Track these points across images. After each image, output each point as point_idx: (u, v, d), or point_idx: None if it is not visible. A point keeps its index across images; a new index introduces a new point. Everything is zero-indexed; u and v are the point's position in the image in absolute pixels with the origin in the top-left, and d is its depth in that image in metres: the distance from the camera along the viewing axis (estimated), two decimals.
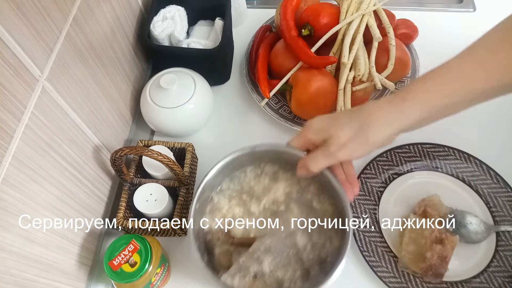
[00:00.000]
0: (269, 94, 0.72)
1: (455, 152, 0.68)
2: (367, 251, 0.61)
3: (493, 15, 0.85)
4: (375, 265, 0.59)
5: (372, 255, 0.60)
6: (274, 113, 0.72)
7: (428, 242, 0.59)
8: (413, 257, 0.59)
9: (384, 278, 0.59)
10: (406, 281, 0.59)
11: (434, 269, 0.57)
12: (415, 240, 0.60)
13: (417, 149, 0.69)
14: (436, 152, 0.68)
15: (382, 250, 0.61)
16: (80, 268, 0.57)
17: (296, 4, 0.74)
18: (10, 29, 0.40)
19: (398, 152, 0.69)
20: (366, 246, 0.61)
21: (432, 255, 0.57)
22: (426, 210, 0.62)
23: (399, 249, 0.60)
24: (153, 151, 0.53)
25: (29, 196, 0.45)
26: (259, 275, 0.52)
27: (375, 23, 0.69)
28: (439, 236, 0.60)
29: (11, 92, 0.41)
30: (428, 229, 0.60)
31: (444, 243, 0.59)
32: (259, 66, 0.74)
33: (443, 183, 0.66)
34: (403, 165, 0.68)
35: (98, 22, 0.58)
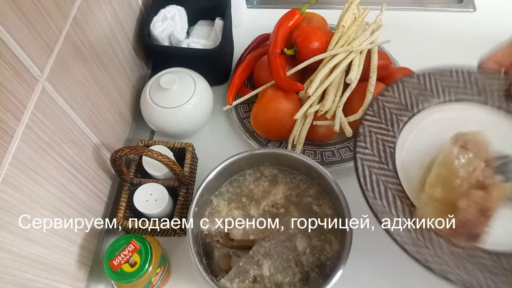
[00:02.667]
0: (232, 102, 0.71)
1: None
2: (371, 190, 0.44)
3: (493, 15, 0.86)
4: (381, 211, 0.44)
5: (379, 197, 0.44)
6: (239, 121, 0.71)
7: (465, 185, 0.42)
8: (439, 206, 0.42)
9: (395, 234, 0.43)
10: (424, 239, 0.42)
11: (467, 226, 0.41)
12: (445, 180, 0.43)
13: (461, 77, 0.51)
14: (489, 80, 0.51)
15: (394, 193, 0.45)
16: (80, 268, 0.57)
17: (296, 21, 0.71)
18: (10, 29, 0.40)
19: (436, 77, 0.52)
20: (371, 185, 0.44)
21: (468, 204, 0.40)
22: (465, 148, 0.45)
23: (419, 195, 0.44)
24: (153, 151, 0.53)
25: (29, 196, 0.45)
26: (258, 278, 0.53)
27: (360, 64, 0.63)
28: (482, 180, 0.42)
29: (11, 92, 0.41)
30: (467, 166, 0.42)
31: (488, 190, 0.41)
32: (238, 71, 0.74)
33: (495, 121, 0.49)
34: (439, 93, 0.51)
35: (98, 22, 0.58)
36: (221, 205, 0.58)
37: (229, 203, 0.58)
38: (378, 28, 0.68)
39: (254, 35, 0.80)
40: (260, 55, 0.76)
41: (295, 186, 0.58)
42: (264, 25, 0.80)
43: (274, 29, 0.71)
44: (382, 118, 0.49)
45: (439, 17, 0.86)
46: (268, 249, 0.54)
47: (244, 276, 0.53)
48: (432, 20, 0.86)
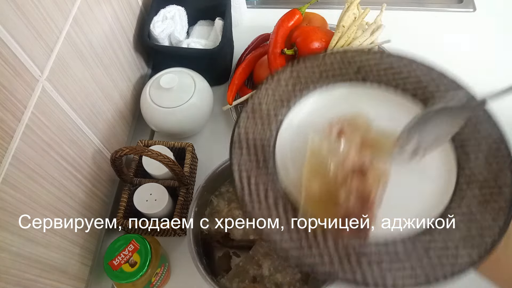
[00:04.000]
0: (232, 102, 0.71)
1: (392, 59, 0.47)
2: (249, 198, 0.38)
3: (493, 15, 0.86)
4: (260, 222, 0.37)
5: (258, 206, 0.38)
6: None
7: (340, 174, 0.37)
8: (321, 202, 0.37)
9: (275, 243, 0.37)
10: (311, 244, 0.37)
11: (353, 220, 0.36)
12: (318, 171, 0.38)
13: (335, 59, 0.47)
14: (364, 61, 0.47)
15: (276, 195, 0.39)
16: (80, 268, 0.57)
17: (296, 21, 0.71)
18: (10, 29, 0.40)
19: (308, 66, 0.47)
20: (249, 190, 0.39)
21: (347, 195, 0.36)
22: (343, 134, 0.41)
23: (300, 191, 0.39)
24: (153, 151, 0.53)
25: (29, 196, 0.45)
26: (258, 278, 0.52)
27: None
28: (358, 164, 0.37)
29: (11, 92, 0.41)
30: (338, 152, 0.38)
31: (366, 174, 0.37)
32: (238, 71, 0.74)
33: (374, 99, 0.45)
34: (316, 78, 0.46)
35: (98, 22, 0.58)
36: (221, 205, 0.58)
37: (229, 203, 0.58)
38: (378, 28, 0.68)
39: (254, 35, 0.80)
40: (260, 55, 0.76)
41: None
42: (264, 25, 0.80)
43: (274, 29, 0.71)
44: (258, 118, 0.44)
45: (439, 17, 0.86)
46: (268, 249, 0.54)
47: (244, 276, 0.53)
48: (432, 20, 0.86)
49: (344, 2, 0.71)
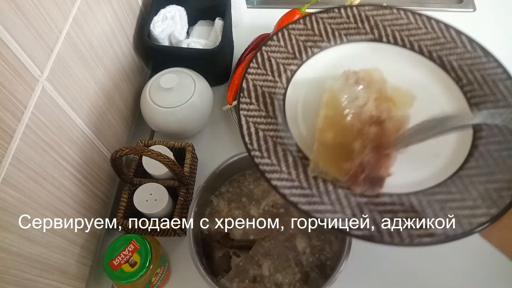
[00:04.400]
0: (232, 102, 0.71)
1: (408, 15, 0.47)
2: (258, 149, 0.38)
3: (493, 15, 0.86)
4: (269, 170, 0.37)
5: (266, 154, 0.37)
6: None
7: (357, 124, 0.36)
8: (334, 153, 0.36)
9: (283, 188, 0.36)
10: (321, 193, 0.36)
11: (367, 171, 0.34)
12: (334, 120, 0.37)
13: (350, 13, 0.47)
14: (380, 16, 0.47)
15: (284, 148, 0.39)
16: (80, 268, 0.57)
17: None
18: (10, 29, 0.40)
19: (322, 17, 0.47)
20: (258, 142, 0.38)
21: (364, 144, 0.35)
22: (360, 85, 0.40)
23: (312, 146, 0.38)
24: (153, 151, 0.53)
25: (29, 196, 0.45)
26: (258, 278, 0.53)
27: None
28: (377, 114, 0.37)
29: (11, 92, 0.41)
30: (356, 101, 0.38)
31: (384, 124, 0.36)
32: (238, 71, 0.74)
33: (389, 58, 0.45)
34: (328, 35, 0.46)
35: (98, 22, 0.58)
36: (221, 205, 0.58)
37: (229, 203, 0.58)
38: None
39: (254, 35, 0.80)
40: None
41: None
42: (264, 25, 0.80)
43: (274, 29, 0.71)
44: (268, 70, 0.43)
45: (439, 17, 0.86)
46: (268, 249, 0.54)
47: (244, 276, 0.53)
48: None
49: (344, 2, 0.71)
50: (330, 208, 0.35)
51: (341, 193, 0.36)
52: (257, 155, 0.37)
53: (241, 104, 0.41)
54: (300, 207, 0.35)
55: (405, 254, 0.61)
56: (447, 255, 0.60)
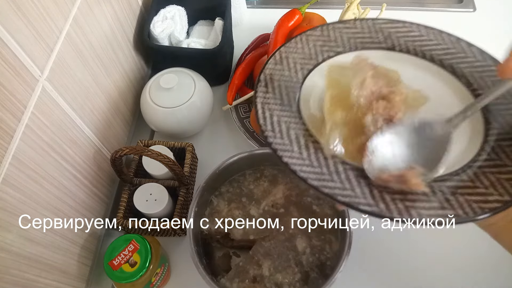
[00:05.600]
0: (232, 102, 0.71)
1: (420, 28, 0.49)
2: (271, 130, 0.40)
3: (493, 15, 0.86)
4: (281, 149, 0.39)
5: (279, 135, 0.40)
6: (238, 121, 0.71)
7: (363, 100, 0.38)
8: (345, 130, 0.38)
9: (293, 165, 0.37)
10: (331, 172, 0.37)
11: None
12: (339, 99, 0.39)
13: (365, 25, 0.50)
14: (394, 28, 0.50)
15: (297, 132, 0.41)
16: (80, 268, 0.57)
17: (296, 21, 0.71)
18: (10, 29, 0.40)
19: (339, 27, 0.50)
20: (272, 125, 0.41)
21: (374, 119, 0.37)
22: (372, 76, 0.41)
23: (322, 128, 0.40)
24: (153, 151, 0.53)
25: (29, 196, 0.45)
26: (258, 278, 0.53)
27: None
28: (376, 90, 0.38)
29: (11, 92, 0.41)
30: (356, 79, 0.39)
31: (390, 97, 0.38)
32: (238, 71, 0.74)
33: (402, 64, 0.46)
34: (344, 42, 0.49)
35: (98, 22, 0.58)
36: (221, 205, 0.58)
37: (229, 203, 0.58)
38: None
39: (254, 35, 0.80)
40: (260, 55, 0.76)
41: (295, 186, 0.58)
42: (264, 25, 0.80)
43: (274, 29, 0.71)
44: (285, 66, 0.46)
45: (439, 17, 0.86)
46: (268, 249, 0.54)
47: (244, 276, 0.53)
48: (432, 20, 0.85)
49: (344, 2, 0.72)
50: (340, 185, 0.37)
51: (351, 174, 0.38)
52: (270, 135, 0.40)
53: (257, 93, 0.43)
54: (309, 182, 0.36)
55: (405, 254, 0.61)
56: (448, 254, 0.60)
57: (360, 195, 0.36)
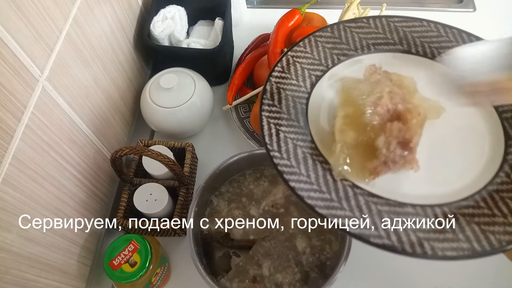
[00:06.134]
0: (232, 102, 0.71)
1: (439, 27, 0.45)
2: (278, 150, 0.38)
3: (493, 15, 0.86)
4: (288, 171, 0.36)
5: (286, 156, 0.37)
6: (238, 121, 0.71)
7: (377, 119, 0.35)
8: (357, 153, 0.36)
9: (300, 190, 0.35)
10: (340, 198, 0.35)
11: (393, 169, 0.35)
12: (354, 118, 0.36)
13: (379, 23, 0.46)
14: (409, 27, 0.46)
15: (304, 151, 0.38)
16: (80, 268, 0.57)
17: (296, 21, 0.71)
18: (10, 29, 0.40)
19: (350, 26, 0.46)
20: (278, 144, 0.38)
21: (387, 141, 0.34)
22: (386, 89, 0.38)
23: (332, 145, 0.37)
24: (153, 151, 0.53)
25: (29, 196, 0.45)
26: (258, 278, 0.53)
27: None
28: (396, 108, 0.35)
29: (11, 92, 0.41)
30: (373, 96, 0.36)
31: (405, 118, 0.35)
32: (238, 71, 0.74)
33: (418, 69, 0.43)
34: (356, 44, 0.45)
35: (98, 22, 0.58)
36: (221, 205, 0.58)
37: (229, 203, 0.58)
38: None
39: (254, 35, 0.80)
40: (260, 55, 0.76)
41: None
42: (264, 25, 0.80)
43: (274, 29, 0.71)
44: (293, 74, 0.43)
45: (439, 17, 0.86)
46: (268, 249, 0.54)
47: (244, 276, 0.53)
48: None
49: (344, 2, 0.72)
50: (349, 214, 0.34)
51: (362, 200, 0.35)
52: (277, 156, 0.37)
53: (263, 106, 0.40)
54: (317, 210, 0.34)
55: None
56: None
57: (371, 225, 0.34)
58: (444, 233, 0.34)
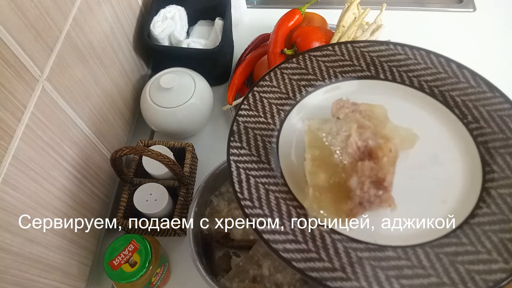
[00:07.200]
0: (232, 102, 0.71)
1: (406, 50, 0.44)
2: (249, 198, 0.36)
3: (493, 15, 0.86)
4: (260, 222, 0.34)
5: (258, 204, 0.35)
6: None
7: (347, 158, 0.34)
8: (329, 195, 0.34)
9: (275, 243, 0.33)
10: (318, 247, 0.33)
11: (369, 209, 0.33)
12: (322, 160, 0.34)
13: (345, 50, 0.45)
14: (376, 52, 0.45)
15: (277, 196, 0.36)
16: (80, 268, 0.57)
17: (296, 21, 0.71)
18: (10, 29, 0.40)
19: (316, 55, 0.45)
20: (249, 191, 0.36)
21: (361, 181, 0.33)
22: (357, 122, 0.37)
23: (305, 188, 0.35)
24: (153, 151, 0.53)
25: (29, 196, 0.45)
26: (258, 278, 0.52)
27: None
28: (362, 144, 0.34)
29: (11, 92, 0.41)
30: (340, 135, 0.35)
31: (377, 155, 0.34)
32: (238, 71, 0.74)
33: (388, 95, 0.42)
34: (323, 73, 0.44)
35: (98, 22, 0.58)
36: (221, 205, 0.58)
37: (229, 203, 0.58)
38: (378, 28, 0.68)
39: (254, 35, 0.80)
40: (260, 55, 0.76)
41: None
42: (264, 25, 0.80)
43: (274, 29, 0.71)
44: (260, 111, 0.41)
45: (439, 17, 0.86)
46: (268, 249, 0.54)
47: (244, 276, 0.53)
48: (432, 20, 0.86)
49: (344, 2, 0.71)
50: (328, 265, 0.32)
51: (341, 247, 0.34)
52: (248, 205, 0.35)
53: (231, 149, 0.39)
54: (294, 265, 0.32)
55: None
56: None
57: (352, 275, 0.32)
58: (428, 278, 0.32)
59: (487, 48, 0.80)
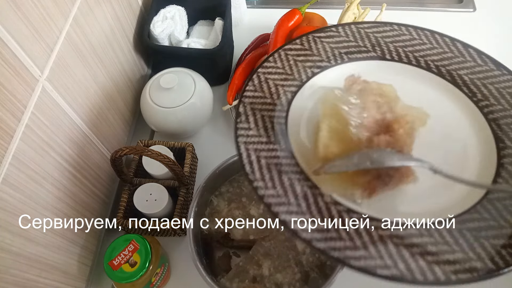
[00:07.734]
0: (232, 101, 0.71)
1: (410, 30, 0.44)
2: (261, 179, 0.34)
3: (493, 15, 0.86)
4: (275, 202, 0.33)
5: (271, 185, 0.34)
6: None
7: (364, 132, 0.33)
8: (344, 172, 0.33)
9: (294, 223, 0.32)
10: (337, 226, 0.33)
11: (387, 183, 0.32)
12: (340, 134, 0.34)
13: (349, 31, 0.44)
14: (380, 32, 0.44)
15: (290, 177, 0.35)
16: (80, 268, 0.57)
17: (296, 21, 0.71)
18: (10, 29, 0.40)
19: (320, 36, 0.44)
20: (260, 172, 0.35)
21: None
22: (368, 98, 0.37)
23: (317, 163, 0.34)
24: (153, 151, 0.53)
25: (29, 196, 0.45)
26: (258, 278, 0.52)
27: None
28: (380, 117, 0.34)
29: (11, 92, 0.41)
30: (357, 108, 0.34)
31: (394, 129, 0.33)
32: (238, 71, 0.74)
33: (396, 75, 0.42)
34: (328, 54, 0.43)
35: (98, 22, 0.58)
36: (221, 205, 0.58)
37: (229, 203, 0.58)
38: None
39: (254, 35, 0.80)
40: (260, 55, 0.76)
41: None
42: (264, 25, 0.80)
43: (274, 29, 0.71)
44: (266, 92, 0.39)
45: (439, 17, 0.86)
46: (268, 249, 0.54)
47: (244, 276, 0.53)
48: (432, 20, 0.86)
49: (344, 2, 0.72)
50: (350, 244, 0.32)
51: (361, 225, 0.33)
52: (261, 186, 0.34)
53: (238, 131, 0.38)
54: (315, 245, 0.31)
55: None
56: None
57: (375, 254, 0.30)
58: (453, 253, 0.31)
59: (487, 48, 0.80)
